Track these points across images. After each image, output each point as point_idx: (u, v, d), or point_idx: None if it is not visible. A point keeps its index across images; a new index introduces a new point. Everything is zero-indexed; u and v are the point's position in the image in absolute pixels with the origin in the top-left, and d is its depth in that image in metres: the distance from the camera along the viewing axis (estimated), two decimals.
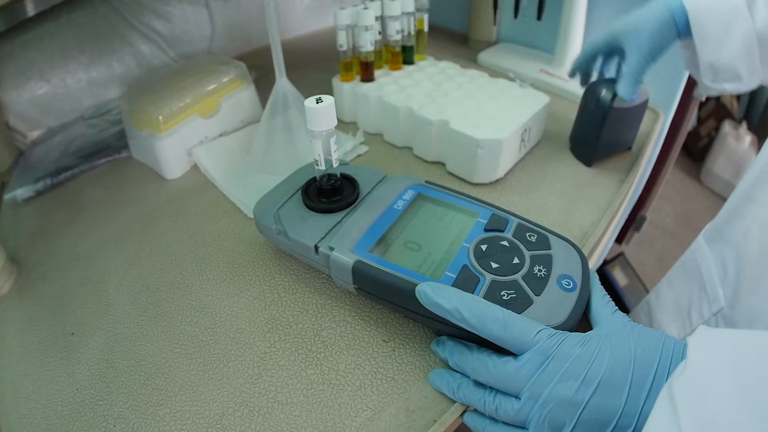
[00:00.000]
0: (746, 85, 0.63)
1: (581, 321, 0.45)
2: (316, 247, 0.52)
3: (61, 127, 0.84)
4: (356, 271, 0.48)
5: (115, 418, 0.46)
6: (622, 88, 0.65)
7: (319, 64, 1.06)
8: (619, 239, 1.55)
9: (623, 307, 1.40)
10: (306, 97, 0.51)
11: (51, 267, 0.62)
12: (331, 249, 0.50)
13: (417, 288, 0.44)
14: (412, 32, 0.87)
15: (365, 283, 0.49)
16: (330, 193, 0.57)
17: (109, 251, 0.64)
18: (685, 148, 2.48)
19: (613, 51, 0.68)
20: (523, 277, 0.47)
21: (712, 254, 0.62)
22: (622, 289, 1.45)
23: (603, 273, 1.48)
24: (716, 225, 0.65)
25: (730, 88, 0.63)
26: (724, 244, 0.60)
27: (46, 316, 0.56)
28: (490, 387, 0.43)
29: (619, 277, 1.49)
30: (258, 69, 0.92)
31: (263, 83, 0.84)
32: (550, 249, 0.51)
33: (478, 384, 0.44)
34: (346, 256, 0.49)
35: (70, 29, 0.82)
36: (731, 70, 0.61)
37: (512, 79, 0.83)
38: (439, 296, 0.43)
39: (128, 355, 0.51)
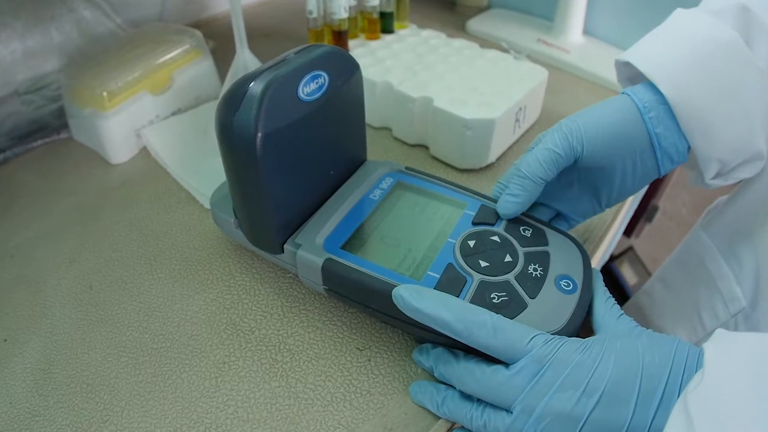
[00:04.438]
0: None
1: (582, 327, 0.45)
2: (281, 244, 0.51)
3: None
4: (326, 270, 0.48)
5: None
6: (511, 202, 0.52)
7: (285, 33, 1.05)
8: (628, 232, 1.56)
9: None
10: None
11: None
12: (298, 246, 0.50)
13: (394, 292, 0.44)
14: None
15: (337, 284, 0.49)
16: None
17: (47, 246, 0.63)
18: None
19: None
20: (516, 278, 0.47)
21: (716, 246, 0.62)
22: (631, 288, 1.46)
23: (610, 270, 1.48)
24: (719, 213, 0.64)
25: (747, 174, 0.53)
26: (735, 235, 0.60)
27: None
28: (479, 400, 0.43)
29: (628, 274, 1.50)
30: (216, 38, 0.91)
31: (222, 54, 0.83)
32: (547, 245, 0.51)
33: (465, 397, 0.44)
34: (314, 254, 0.49)
35: None
36: (748, 150, 0.50)
37: (506, 50, 0.83)
38: (419, 301, 0.42)
39: (68, 365, 0.51)
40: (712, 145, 0.49)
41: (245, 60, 0.69)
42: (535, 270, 0.48)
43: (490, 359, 0.42)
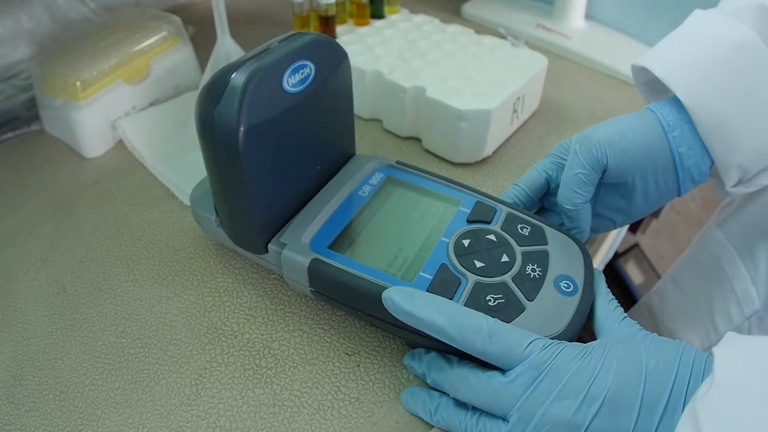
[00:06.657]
0: None
1: (583, 331, 0.45)
2: (265, 243, 0.51)
3: None
4: (313, 271, 0.48)
5: None
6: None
7: (269, 18, 1.05)
8: (634, 228, 1.55)
9: None
10: None
11: None
12: (283, 245, 0.50)
13: (384, 294, 0.44)
14: None
15: (324, 286, 0.49)
16: None
17: (17, 245, 0.62)
18: None
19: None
20: (514, 279, 0.47)
21: (733, 245, 0.62)
22: (636, 287, 1.45)
23: (614, 268, 1.48)
24: (736, 211, 0.64)
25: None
26: (752, 233, 0.60)
27: None
28: (474, 408, 0.43)
29: (634, 272, 1.49)
30: (196, 24, 0.91)
31: (202, 41, 0.83)
32: (546, 244, 0.51)
33: (460, 404, 0.44)
34: (300, 254, 0.49)
35: None
36: None
37: (503, 37, 0.83)
38: (410, 304, 0.42)
39: (41, 371, 0.50)
40: (732, 151, 0.49)
41: (227, 48, 0.69)
42: (534, 270, 0.48)
43: (485, 365, 0.42)
